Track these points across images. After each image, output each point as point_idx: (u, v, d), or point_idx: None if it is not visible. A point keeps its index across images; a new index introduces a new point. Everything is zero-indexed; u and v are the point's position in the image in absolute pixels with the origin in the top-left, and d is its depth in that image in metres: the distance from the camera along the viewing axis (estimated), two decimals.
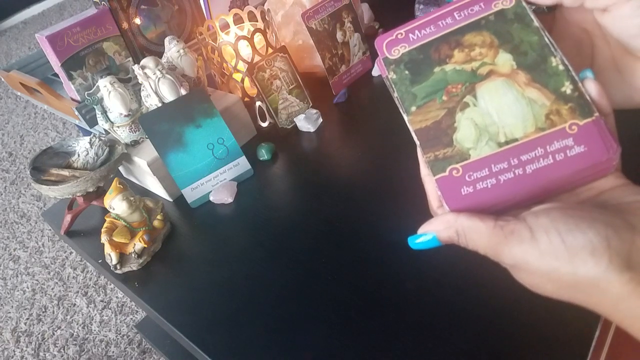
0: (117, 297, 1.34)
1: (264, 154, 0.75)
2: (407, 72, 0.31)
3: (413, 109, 0.31)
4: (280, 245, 0.60)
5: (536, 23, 0.30)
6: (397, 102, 0.32)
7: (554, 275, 0.25)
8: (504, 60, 0.30)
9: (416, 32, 0.32)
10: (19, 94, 0.99)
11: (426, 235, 0.29)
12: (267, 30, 0.79)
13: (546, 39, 0.29)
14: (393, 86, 0.32)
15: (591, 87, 0.28)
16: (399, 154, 0.68)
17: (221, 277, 0.58)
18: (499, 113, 0.29)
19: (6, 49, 3.33)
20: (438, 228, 0.29)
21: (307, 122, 0.78)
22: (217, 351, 0.50)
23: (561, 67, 0.29)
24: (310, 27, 0.78)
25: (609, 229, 0.24)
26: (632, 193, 0.27)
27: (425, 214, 0.31)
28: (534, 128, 0.28)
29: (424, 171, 0.32)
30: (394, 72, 0.32)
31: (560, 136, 0.28)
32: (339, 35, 0.83)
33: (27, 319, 1.36)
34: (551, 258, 0.24)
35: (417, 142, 0.31)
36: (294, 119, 0.80)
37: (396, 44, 0.32)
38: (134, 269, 0.62)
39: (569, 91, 0.28)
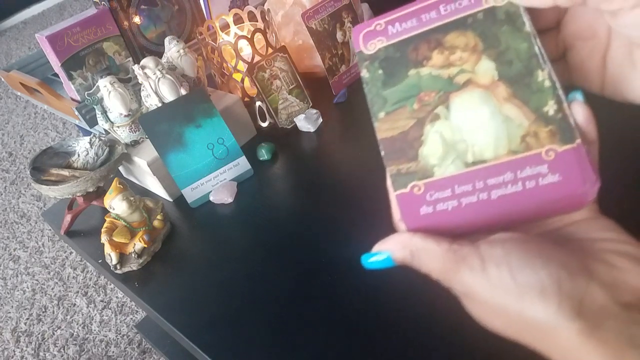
0: (117, 297, 1.34)
1: (264, 154, 0.75)
2: (380, 71, 0.29)
3: (382, 114, 0.29)
4: (280, 245, 0.60)
5: (528, 28, 0.27)
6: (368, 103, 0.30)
7: (502, 311, 0.23)
8: (485, 68, 0.27)
9: (397, 24, 0.29)
10: (19, 94, 1.00)
11: (380, 254, 0.27)
12: (267, 30, 0.79)
13: (536, 48, 0.26)
14: (364, 86, 0.30)
15: (578, 111, 0.25)
16: None
17: (221, 277, 0.58)
18: (470, 129, 0.27)
19: (6, 49, 3.33)
20: (392, 248, 0.27)
21: (307, 122, 0.78)
22: (217, 351, 0.50)
23: (547, 84, 0.26)
24: (310, 27, 0.78)
25: (562, 271, 0.22)
26: (600, 228, 0.25)
27: None
28: (506, 150, 0.26)
29: (390, 181, 0.30)
30: (367, 69, 0.29)
31: (534, 162, 0.25)
32: (339, 35, 0.83)
33: (27, 319, 1.36)
34: (500, 293, 0.23)
35: (382, 153, 0.28)
36: (294, 119, 0.80)
37: (374, 37, 0.30)
38: (134, 269, 0.62)
39: (551, 112, 0.25)
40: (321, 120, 0.80)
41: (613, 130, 0.40)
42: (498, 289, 0.23)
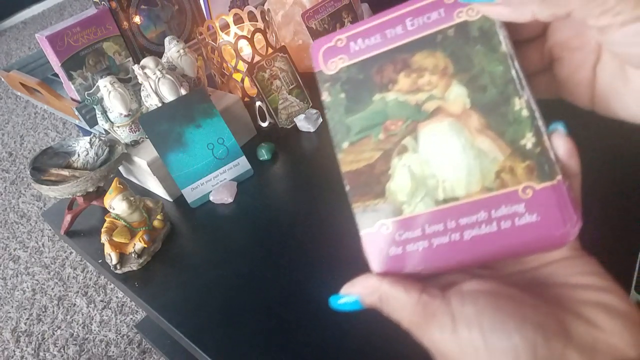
0: (117, 297, 1.34)
1: (264, 154, 0.75)
2: (343, 95, 0.26)
3: (345, 145, 0.26)
4: (280, 245, 0.60)
5: (504, 47, 0.24)
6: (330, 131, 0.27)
7: None
8: (457, 95, 0.24)
9: (359, 40, 0.26)
10: (19, 94, 1.00)
11: (349, 297, 0.26)
12: (267, 30, 0.79)
13: (513, 72, 0.24)
14: (326, 111, 0.27)
15: (560, 144, 0.23)
16: None
17: (221, 277, 0.58)
18: (440, 163, 0.24)
19: (6, 49, 3.33)
20: (361, 292, 0.25)
21: (307, 122, 0.78)
22: (217, 351, 0.50)
23: (525, 113, 0.23)
24: (310, 27, 0.78)
25: (538, 334, 0.20)
26: (581, 272, 0.24)
27: None
28: (479, 187, 0.24)
29: (356, 219, 0.28)
30: (328, 92, 0.27)
31: (510, 200, 0.23)
32: None
33: (27, 318, 1.36)
34: (470, 357, 0.21)
35: (346, 187, 0.26)
36: (294, 119, 0.80)
37: (334, 55, 0.27)
38: (134, 269, 0.62)
39: (529, 145, 0.23)
40: (321, 120, 0.80)
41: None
42: (468, 353, 0.21)
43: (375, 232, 0.25)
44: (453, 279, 0.25)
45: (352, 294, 0.26)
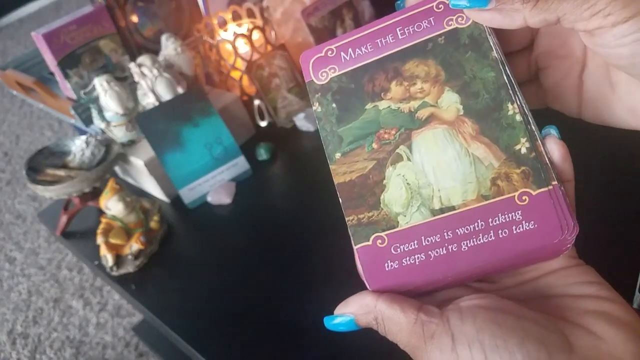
0: (113, 299, 1.33)
1: (262, 153, 0.74)
2: (334, 105, 0.26)
3: (337, 155, 0.26)
4: (279, 247, 0.59)
5: (495, 53, 0.24)
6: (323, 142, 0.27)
7: None
8: (449, 102, 0.24)
9: (350, 50, 0.26)
10: (14, 92, 0.98)
11: (344, 317, 0.25)
12: (266, 28, 0.78)
13: (505, 77, 0.24)
14: (317, 122, 0.27)
15: (554, 148, 0.23)
16: None
17: (219, 279, 0.58)
18: (435, 172, 0.24)
19: (2, 48, 3.31)
20: (356, 311, 0.25)
21: (306, 121, 0.77)
22: (215, 354, 0.50)
23: (518, 118, 0.23)
24: (310, 25, 0.77)
25: (541, 351, 0.20)
26: (580, 282, 0.23)
27: None
28: (475, 195, 0.23)
29: (350, 233, 0.27)
30: (319, 103, 0.26)
31: (507, 208, 0.23)
32: (339, 33, 0.82)
33: (23, 321, 1.34)
34: None
35: (340, 200, 0.26)
36: (294, 118, 0.79)
37: (325, 65, 0.26)
38: (131, 270, 0.61)
39: (524, 150, 0.23)
40: None
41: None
42: None
43: (371, 245, 0.25)
44: (451, 294, 0.25)
45: (347, 314, 0.25)
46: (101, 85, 0.68)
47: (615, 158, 0.57)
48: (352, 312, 0.25)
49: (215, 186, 0.70)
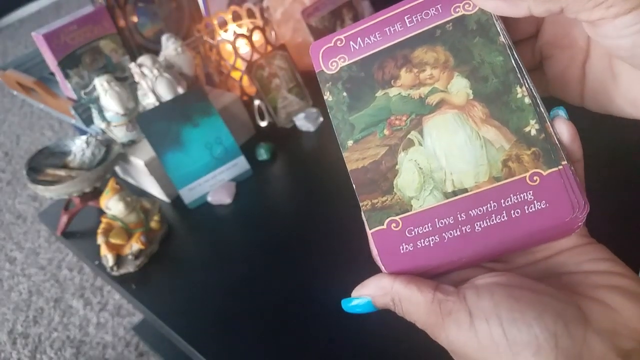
0: (114, 299, 1.33)
1: (263, 153, 0.74)
2: (345, 94, 0.27)
3: (350, 143, 0.26)
4: (279, 247, 0.59)
5: (502, 38, 0.24)
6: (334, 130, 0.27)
7: None
8: (459, 87, 0.25)
9: (358, 39, 0.26)
10: (15, 93, 0.98)
11: (361, 299, 0.26)
12: (266, 28, 0.78)
13: (513, 61, 0.24)
14: (329, 111, 0.27)
15: (563, 129, 0.23)
16: None
17: (219, 279, 0.58)
18: (447, 156, 0.25)
19: (2, 48, 3.31)
20: (373, 293, 0.25)
21: (307, 121, 0.77)
22: (215, 354, 0.50)
23: (527, 100, 0.24)
24: (310, 25, 0.78)
25: (558, 323, 0.20)
26: (592, 259, 0.24)
27: None
28: (487, 177, 0.24)
29: (364, 218, 0.28)
30: (330, 92, 0.27)
31: (519, 189, 0.23)
32: None
33: (24, 321, 1.34)
34: (491, 352, 0.21)
35: (354, 186, 0.26)
36: (294, 118, 0.79)
37: (334, 55, 0.27)
38: (131, 270, 0.61)
39: (533, 132, 0.23)
40: (321, 119, 0.79)
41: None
42: (489, 348, 0.21)
43: (386, 229, 0.25)
44: (466, 275, 0.25)
45: (364, 296, 0.26)
46: (101, 85, 0.68)
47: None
48: (369, 294, 0.25)
49: (215, 186, 0.70)
